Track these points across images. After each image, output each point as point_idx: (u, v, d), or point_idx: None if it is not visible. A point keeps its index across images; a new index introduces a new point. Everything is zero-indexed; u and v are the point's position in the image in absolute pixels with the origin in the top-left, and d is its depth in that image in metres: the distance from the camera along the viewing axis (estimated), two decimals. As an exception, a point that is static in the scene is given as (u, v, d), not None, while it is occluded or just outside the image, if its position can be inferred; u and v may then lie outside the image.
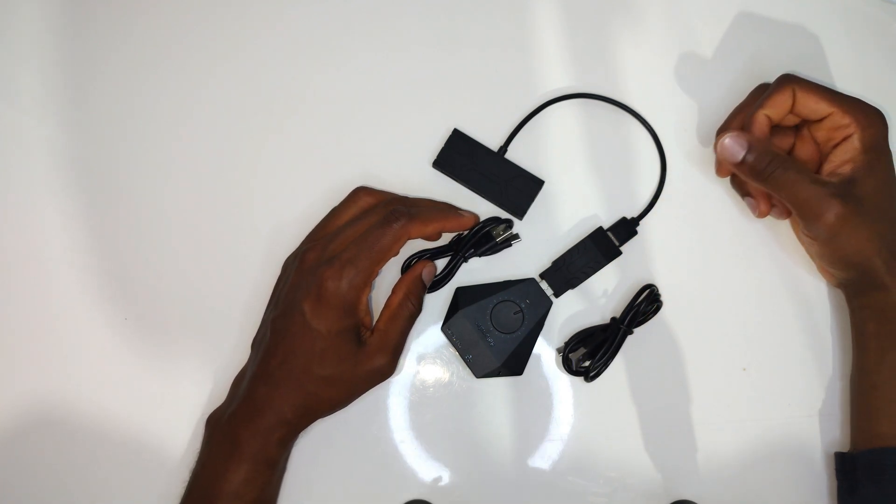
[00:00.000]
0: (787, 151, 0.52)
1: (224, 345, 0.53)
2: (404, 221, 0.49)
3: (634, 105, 0.55)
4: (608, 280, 0.54)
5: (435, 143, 0.55)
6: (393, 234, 0.48)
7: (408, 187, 0.54)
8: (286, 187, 0.55)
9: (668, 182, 0.55)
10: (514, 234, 0.53)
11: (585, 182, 0.55)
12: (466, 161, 0.54)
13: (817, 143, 0.51)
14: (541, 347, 0.54)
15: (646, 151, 0.55)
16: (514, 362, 0.52)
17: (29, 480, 0.53)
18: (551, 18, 0.56)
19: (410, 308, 0.51)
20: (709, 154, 0.55)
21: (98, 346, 0.54)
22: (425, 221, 0.50)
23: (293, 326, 0.48)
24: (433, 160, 0.54)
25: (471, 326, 0.52)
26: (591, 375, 0.52)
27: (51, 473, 0.53)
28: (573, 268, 0.53)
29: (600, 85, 0.55)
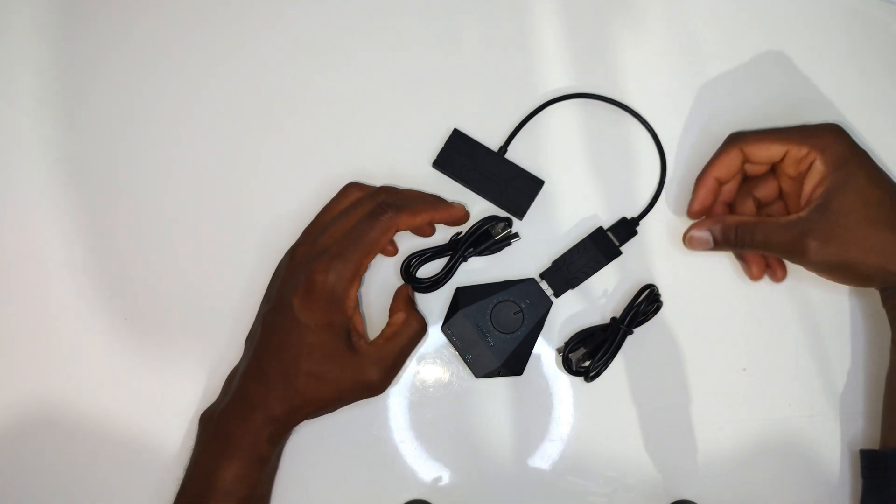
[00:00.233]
0: (776, 196, 0.53)
1: (222, 343, 0.53)
2: (392, 213, 0.49)
3: (634, 105, 0.55)
4: (608, 280, 0.54)
5: (435, 143, 0.55)
6: (381, 227, 0.48)
7: (408, 187, 0.54)
8: (286, 187, 0.55)
9: (668, 182, 0.55)
10: (514, 233, 0.53)
11: (585, 182, 0.55)
12: (466, 161, 0.54)
13: (793, 179, 0.51)
14: (541, 347, 0.54)
15: (646, 151, 0.55)
16: (514, 362, 0.52)
17: (26, 478, 0.53)
18: (551, 18, 0.56)
19: (415, 326, 0.51)
20: (708, 154, 0.55)
21: (97, 346, 0.54)
22: (413, 213, 0.50)
23: (283, 321, 0.48)
24: (433, 160, 0.54)
25: (471, 326, 0.52)
26: (591, 375, 0.52)
27: (49, 471, 0.53)
28: (573, 268, 0.53)
29: (600, 85, 0.55)
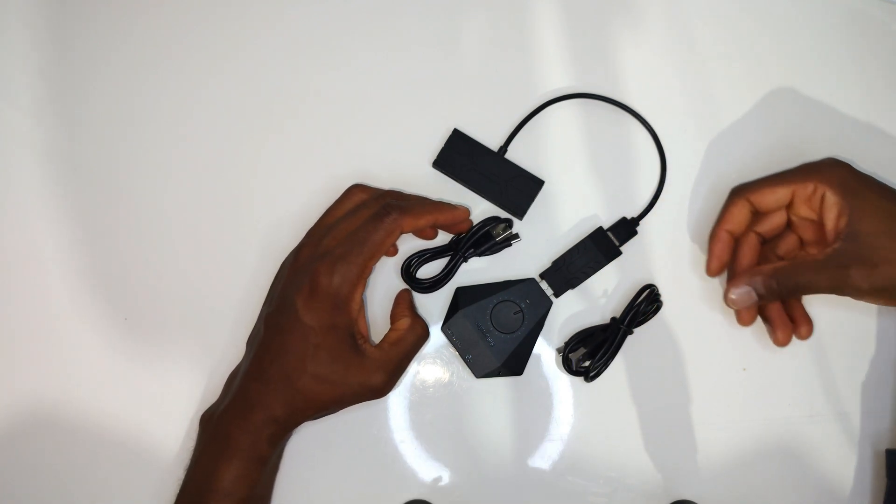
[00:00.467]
0: (799, 248, 0.52)
1: (222, 344, 0.53)
2: (396, 215, 0.49)
3: (634, 105, 0.55)
4: (608, 280, 0.54)
5: (435, 143, 0.55)
6: (385, 229, 0.48)
7: (408, 187, 0.54)
8: (286, 187, 0.55)
9: (668, 182, 0.55)
10: (514, 234, 0.53)
11: (585, 182, 0.55)
12: (466, 161, 0.54)
13: (810, 223, 0.51)
14: (541, 347, 0.54)
15: (646, 151, 0.55)
16: (514, 362, 0.52)
17: (26, 478, 0.53)
18: (551, 18, 0.56)
19: (419, 332, 0.51)
20: (708, 153, 0.55)
21: (97, 346, 0.54)
22: (417, 215, 0.50)
23: (286, 323, 0.48)
24: (433, 160, 0.54)
25: (471, 326, 0.52)
26: (591, 375, 0.52)
27: (49, 472, 0.53)
28: (573, 268, 0.53)
29: (600, 85, 0.55)
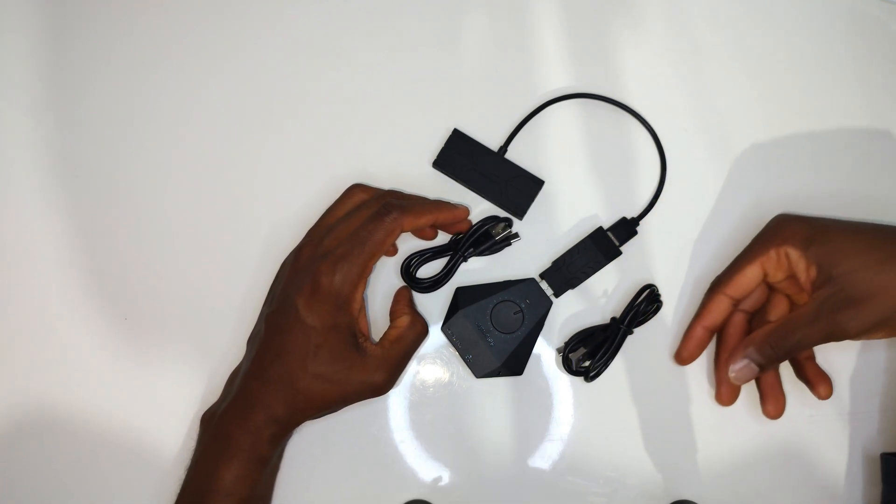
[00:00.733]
0: (790, 309, 0.52)
1: (222, 344, 0.53)
2: (396, 214, 0.49)
3: (634, 105, 0.55)
4: (608, 280, 0.54)
5: (435, 143, 0.55)
6: (385, 228, 0.48)
7: (408, 187, 0.54)
8: (286, 187, 0.55)
9: (668, 182, 0.55)
10: (514, 233, 0.53)
11: (585, 182, 0.55)
12: (466, 161, 0.54)
13: (790, 280, 0.50)
14: (541, 347, 0.54)
15: (646, 151, 0.55)
16: (514, 362, 0.52)
17: (26, 478, 0.53)
18: (551, 18, 0.56)
19: (419, 329, 0.51)
20: (708, 153, 0.55)
21: (97, 346, 0.54)
22: (418, 214, 0.50)
23: (287, 323, 0.48)
24: (433, 160, 0.54)
25: (471, 326, 0.52)
26: (591, 375, 0.52)
27: (49, 471, 0.53)
28: (573, 268, 0.53)
29: (600, 85, 0.55)
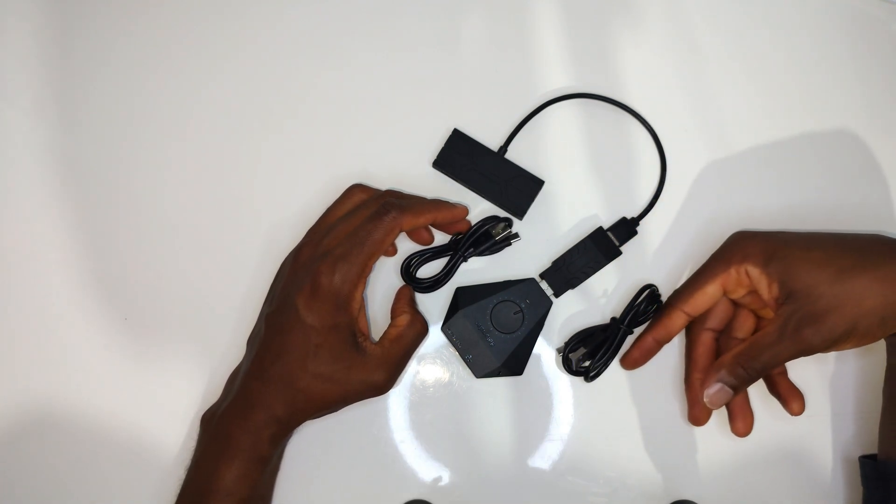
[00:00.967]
0: (757, 325, 0.52)
1: (223, 344, 0.53)
2: (395, 213, 0.49)
3: (634, 105, 0.55)
4: (608, 280, 0.54)
5: (435, 143, 0.55)
6: (385, 227, 0.48)
7: (408, 187, 0.54)
8: (286, 187, 0.55)
9: (668, 182, 0.55)
10: (514, 233, 0.53)
11: (585, 182, 0.55)
12: (466, 161, 0.54)
13: (751, 294, 0.50)
14: (541, 347, 0.54)
15: (646, 151, 0.55)
16: (514, 362, 0.52)
17: (26, 478, 0.53)
18: (551, 18, 0.56)
19: (419, 328, 0.51)
20: (708, 153, 0.55)
21: (97, 346, 0.54)
22: (417, 213, 0.50)
23: (287, 323, 0.48)
24: (433, 160, 0.54)
25: (471, 326, 0.52)
26: (591, 375, 0.52)
27: (49, 471, 0.53)
28: (573, 268, 0.53)
29: (600, 85, 0.55)
